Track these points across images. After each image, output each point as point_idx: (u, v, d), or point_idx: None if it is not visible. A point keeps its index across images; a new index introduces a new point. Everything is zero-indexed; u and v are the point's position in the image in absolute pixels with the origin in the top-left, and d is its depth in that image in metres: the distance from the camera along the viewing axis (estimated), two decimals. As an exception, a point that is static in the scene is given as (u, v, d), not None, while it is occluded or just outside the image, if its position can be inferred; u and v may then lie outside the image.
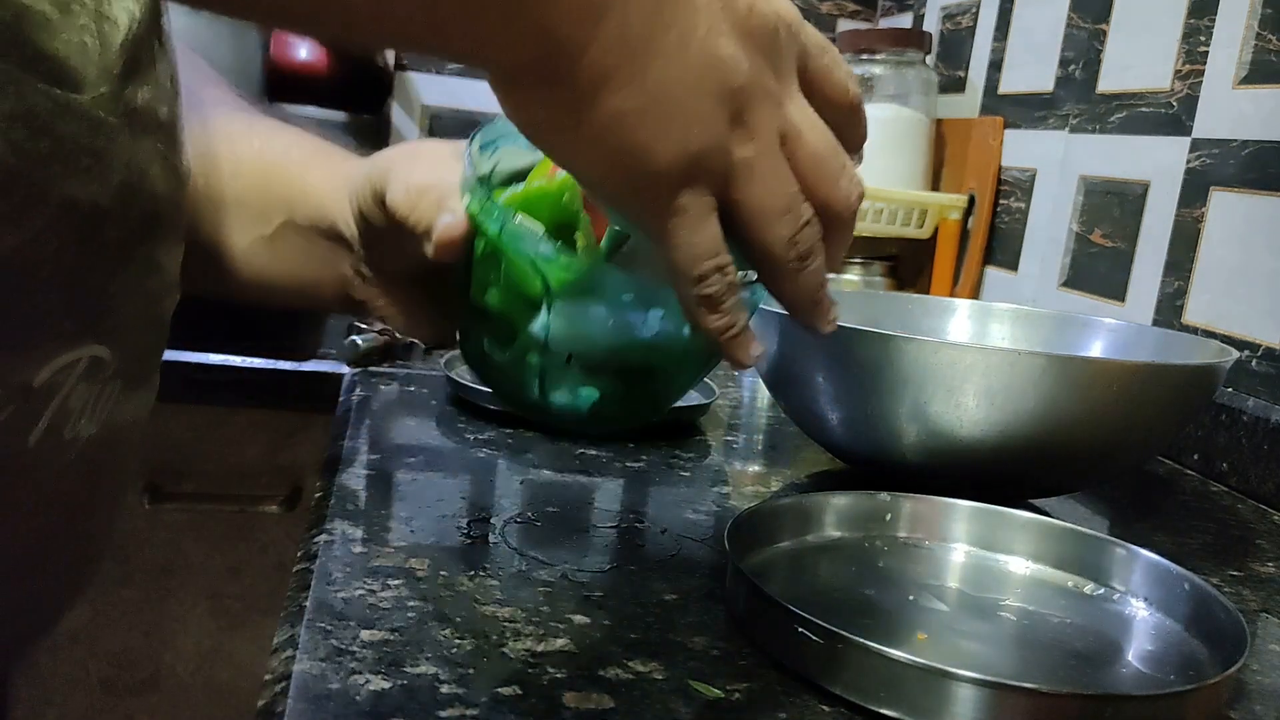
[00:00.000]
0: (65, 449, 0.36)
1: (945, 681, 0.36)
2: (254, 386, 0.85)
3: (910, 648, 0.42)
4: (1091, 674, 0.43)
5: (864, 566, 0.51)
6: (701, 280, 0.35)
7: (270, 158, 0.54)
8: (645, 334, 0.42)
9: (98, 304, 0.35)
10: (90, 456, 0.38)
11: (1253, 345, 0.78)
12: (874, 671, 0.37)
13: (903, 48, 1.23)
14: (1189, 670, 0.43)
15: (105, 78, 0.33)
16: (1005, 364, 0.55)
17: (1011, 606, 0.48)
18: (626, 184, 0.33)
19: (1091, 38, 1.02)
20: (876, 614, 0.46)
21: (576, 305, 0.41)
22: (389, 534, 0.49)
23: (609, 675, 0.38)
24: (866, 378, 0.57)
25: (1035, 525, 0.53)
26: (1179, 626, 0.47)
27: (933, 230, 1.19)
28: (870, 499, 0.54)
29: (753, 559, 0.48)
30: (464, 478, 0.60)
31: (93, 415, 0.37)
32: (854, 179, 0.37)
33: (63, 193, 0.32)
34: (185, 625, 0.96)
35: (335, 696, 0.35)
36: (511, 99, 0.33)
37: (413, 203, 0.46)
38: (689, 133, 0.32)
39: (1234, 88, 0.82)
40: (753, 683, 0.39)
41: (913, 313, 0.79)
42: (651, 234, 0.35)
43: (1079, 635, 0.46)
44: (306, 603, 0.41)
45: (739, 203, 0.35)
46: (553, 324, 0.41)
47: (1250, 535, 0.66)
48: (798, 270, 0.36)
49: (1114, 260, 0.95)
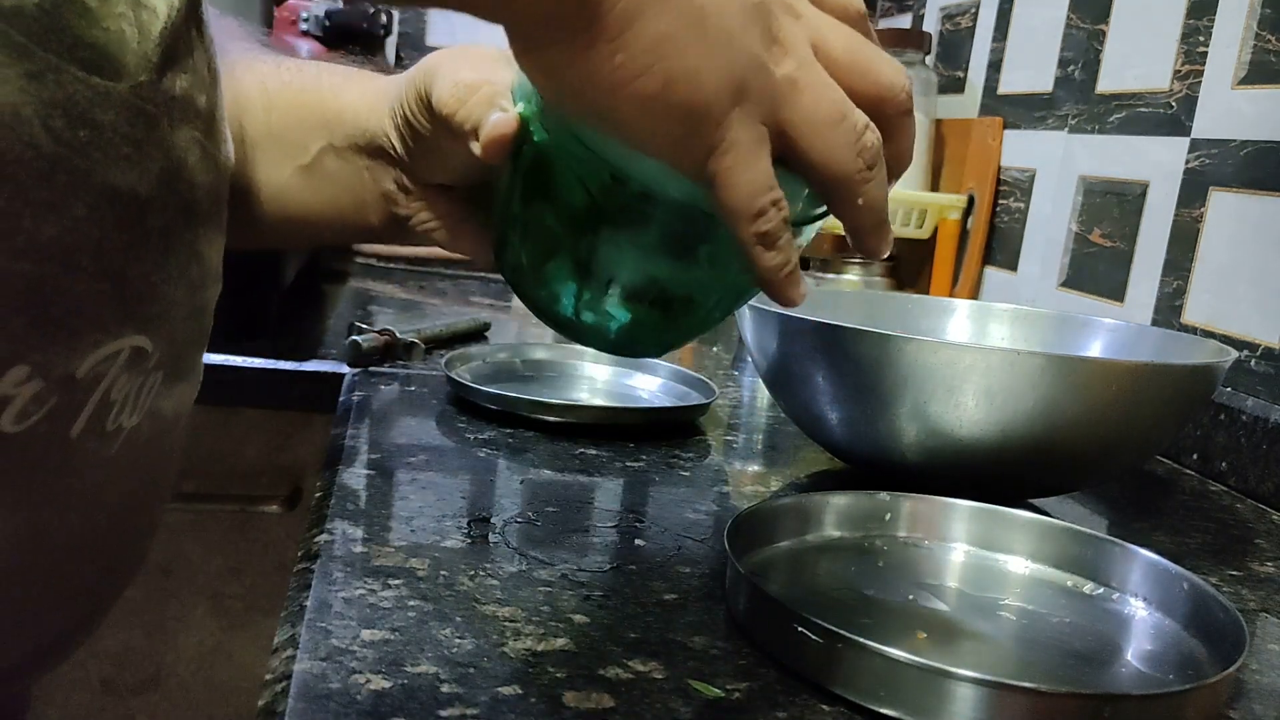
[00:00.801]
0: (107, 441, 0.36)
1: (945, 681, 0.36)
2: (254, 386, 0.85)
3: (910, 647, 0.42)
4: (1091, 673, 0.43)
5: (863, 566, 0.51)
6: (760, 216, 0.34)
7: (302, 84, 0.54)
8: (692, 266, 0.40)
9: (139, 294, 0.35)
10: (133, 451, 0.38)
11: (1252, 345, 0.78)
12: (874, 671, 0.37)
13: (902, 48, 1.23)
14: (1188, 669, 0.43)
15: (144, 66, 0.33)
16: (1005, 364, 0.55)
17: (1011, 606, 0.49)
18: (676, 124, 0.32)
19: (1091, 38, 1.02)
20: (876, 613, 0.46)
21: (624, 229, 0.40)
22: (389, 534, 0.50)
23: (609, 675, 0.38)
24: (866, 378, 0.57)
25: (1034, 525, 0.53)
26: (1178, 626, 0.47)
27: (932, 230, 1.19)
28: (870, 499, 0.54)
29: (753, 559, 0.48)
30: (464, 477, 0.60)
31: (135, 407, 0.37)
32: (896, 67, 0.36)
33: (103, 181, 0.32)
34: (186, 625, 0.96)
35: (335, 696, 0.35)
36: (542, 64, 0.32)
37: (461, 98, 0.44)
38: (731, 51, 0.32)
39: (1233, 88, 0.82)
40: (753, 682, 0.39)
41: (912, 313, 0.79)
42: (705, 178, 0.34)
43: (1078, 635, 0.46)
44: (307, 602, 0.41)
45: (791, 122, 0.34)
46: (600, 247, 0.40)
47: (1249, 535, 0.66)
48: (865, 181, 0.35)
49: (1113, 260, 0.95)
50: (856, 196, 0.36)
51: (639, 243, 0.40)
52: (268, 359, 0.83)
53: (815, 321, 0.58)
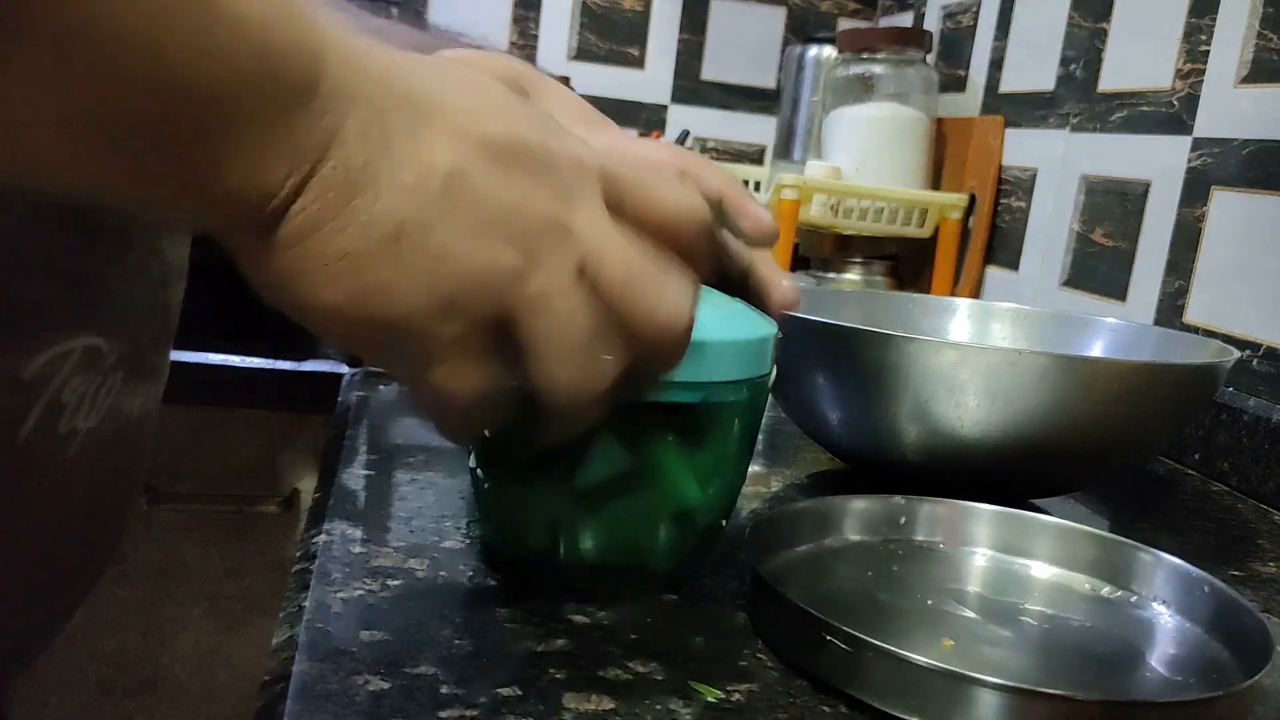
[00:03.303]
0: (62, 443, 0.36)
1: (973, 688, 0.36)
2: (253, 386, 0.85)
3: (937, 654, 0.41)
4: (1114, 679, 0.43)
5: (882, 571, 0.50)
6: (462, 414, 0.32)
7: None
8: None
9: (93, 293, 0.35)
10: (95, 452, 0.38)
11: (1254, 345, 0.78)
12: (901, 678, 0.37)
13: (903, 46, 1.23)
14: (1211, 674, 0.43)
15: None
16: (1006, 364, 0.55)
17: (1031, 611, 0.48)
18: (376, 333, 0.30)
19: (1092, 37, 1.02)
20: (896, 618, 0.46)
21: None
22: (388, 534, 0.49)
23: (609, 676, 0.38)
24: (867, 377, 0.57)
25: (1052, 528, 0.52)
26: (1200, 630, 0.46)
27: (933, 230, 1.19)
28: (887, 502, 0.53)
29: (771, 563, 0.48)
30: (463, 478, 0.59)
31: (92, 408, 0.36)
32: (680, 297, 0.33)
33: None
34: (183, 626, 0.96)
35: (335, 697, 0.35)
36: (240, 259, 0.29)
37: None
38: (442, 267, 0.29)
39: (1235, 86, 0.82)
40: (753, 684, 0.39)
41: (913, 312, 0.78)
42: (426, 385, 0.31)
43: (1099, 640, 0.46)
44: (306, 603, 0.41)
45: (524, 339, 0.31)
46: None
47: (1251, 535, 0.66)
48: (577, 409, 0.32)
49: (1115, 260, 0.95)
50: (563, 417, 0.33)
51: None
52: (266, 359, 0.83)
53: (816, 321, 0.58)
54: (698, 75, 1.54)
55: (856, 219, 1.15)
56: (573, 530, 0.43)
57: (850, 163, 1.19)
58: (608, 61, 1.50)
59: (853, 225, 1.16)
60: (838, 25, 1.53)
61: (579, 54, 1.49)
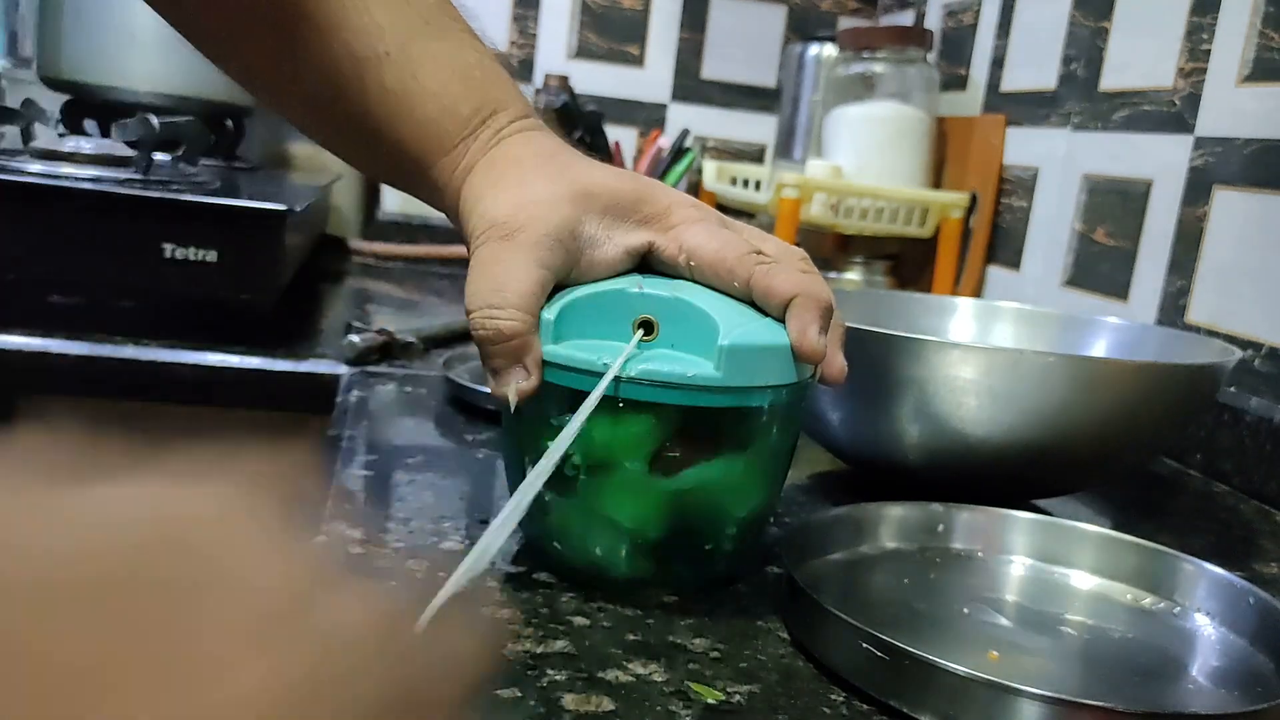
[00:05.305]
0: None
1: (1016, 699, 0.35)
2: (250, 386, 0.85)
3: (979, 665, 0.41)
4: (1157, 691, 0.42)
5: (918, 579, 0.50)
6: None
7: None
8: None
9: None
10: None
11: (1256, 344, 0.77)
12: (943, 689, 0.37)
13: (904, 45, 1.22)
14: (1256, 686, 0.42)
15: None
16: (1008, 364, 0.54)
17: (1071, 621, 0.47)
18: None
19: (1094, 35, 1.02)
20: (934, 627, 0.45)
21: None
22: (387, 535, 0.49)
23: (609, 677, 0.38)
24: (868, 377, 0.57)
25: (1093, 538, 0.52)
26: (1244, 641, 0.46)
27: (934, 229, 1.19)
28: (923, 509, 0.53)
29: (806, 570, 0.47)
30: (462, 478, 0.59)
31: None
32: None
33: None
34: (183, 626, 0.95)
35: (331, 700, 0.34)
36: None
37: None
38: None
39: (1237, 85, 0.82)
40: (753, 685, 0.39)
41: (914, 312, 0.78)
42: None
43: (1142, 651, 0.45)
44: (303, 605, 0.41)
45: None
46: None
47: (1253, 536, 0.66)
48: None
49: (1117, 259, 0.95)
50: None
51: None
52: (264, 358, 0.82)
53: (817, 320, 0.57)
54: (698, 74, 1.53)
55: (857, 218, 1.15)
56: (643, 533, 0.44)
57: (851, 162, 1.19)
58: (607, 60, 1.50)
59: (853, 224, 1.16)
60: (838, 24, 1.52)
61: (578, 52, 1.49)
